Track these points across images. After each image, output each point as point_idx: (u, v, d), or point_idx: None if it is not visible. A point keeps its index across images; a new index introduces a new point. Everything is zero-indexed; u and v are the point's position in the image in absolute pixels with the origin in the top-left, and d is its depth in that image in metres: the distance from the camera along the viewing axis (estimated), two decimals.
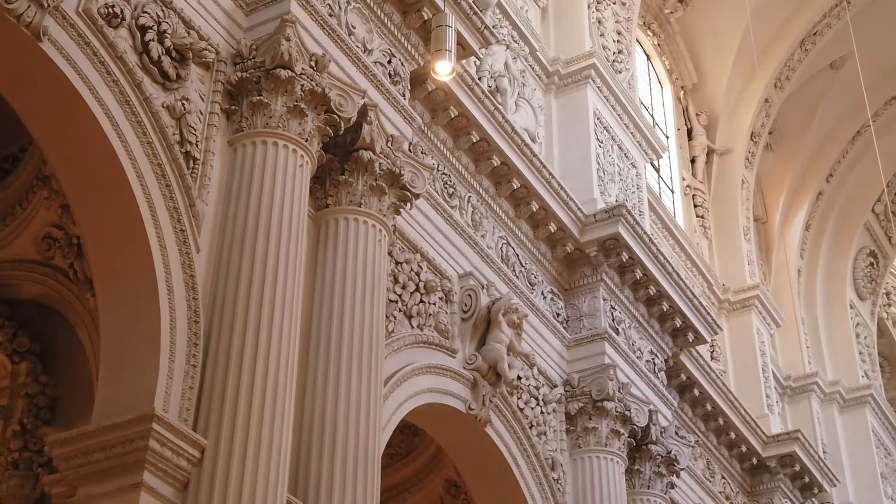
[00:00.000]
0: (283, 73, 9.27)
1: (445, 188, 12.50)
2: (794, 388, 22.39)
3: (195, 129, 8.86)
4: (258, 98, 9.23)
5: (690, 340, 15.76)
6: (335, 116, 9.71)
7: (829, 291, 24.48)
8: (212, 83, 9.19)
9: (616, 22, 17.44)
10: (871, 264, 25.84)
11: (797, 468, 18.96)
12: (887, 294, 28.96)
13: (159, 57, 8.65)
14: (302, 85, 9.38)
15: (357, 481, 8.78)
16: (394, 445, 14.04)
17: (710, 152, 22.36)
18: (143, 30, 8.61)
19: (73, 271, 10.37)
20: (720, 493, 17.89)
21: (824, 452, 21.64)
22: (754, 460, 18.71)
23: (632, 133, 16.51)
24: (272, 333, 8.35)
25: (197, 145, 8.85)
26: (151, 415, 7.61)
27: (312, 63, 9.57)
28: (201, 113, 9.00)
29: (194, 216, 8.61)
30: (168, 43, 8.77)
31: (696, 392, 16.99)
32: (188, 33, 9.01)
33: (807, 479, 19.26)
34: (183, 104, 8.79)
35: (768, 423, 19.41)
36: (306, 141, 9.37)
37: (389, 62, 10.98)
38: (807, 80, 22.89)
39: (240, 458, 7.78)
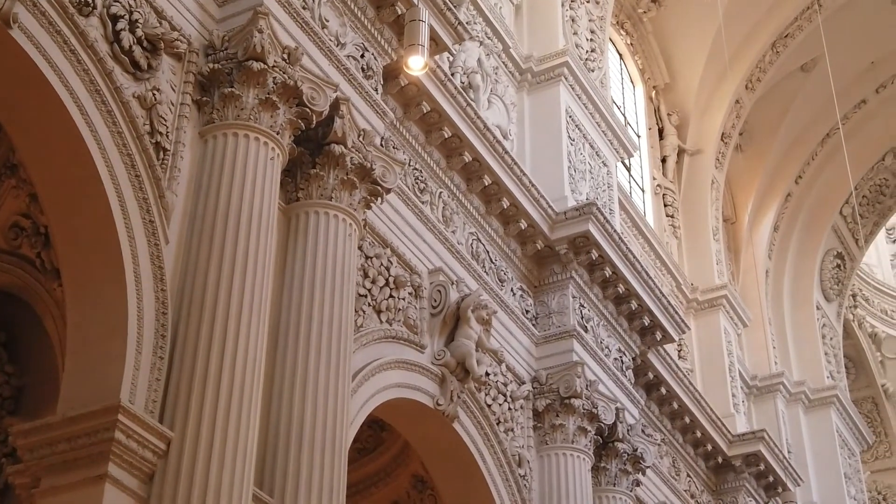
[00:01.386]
0: (256, 66, 9.24)
1: (417, 183, 12.50)
2: (760, 388, 22.53)
3: (166, 120, 8.82)
4: (230, 90, 9.19)
5: (658, 339, 15.84)
6: (307, 110, 9.69)
7: (796, 292, 24.65)
8: (183, 74, 9.15)
9: (589, 20, 17.49)
10: (838, 266, 26.04)
11: (762, 467, 19.09)
12: (853, 296, 29.21)
13: (130, 47, 8.60)
14: (274, 77, 9.35)
15: (324, 475, 8.77)
16: (361, 440, 14.04)
17: (680, 152, 22.46)
18: (115, 19, 8.54)
19: (40, 261, 10.29)
20: (685, 491, 17.99)
21: (789, 452, 21.79)
22: (719, 459, 18.83)
23: (603, 132, 16.57)
24: (240, 326, 8.33)
25: (167, 136, 8.81)
26: (117, 406, 7.56)
27: (285, 56, 9.55)
28: (172, 104, 8.95)
29: (164, 207, 8.57)
30: (140, 33, 8.72)
31: (663, 390, 17.09)
32: (160, 23, 8.96)
33: (771, 479, 19.39)
34: (154, 94, 8.75)
35: (734, 422, 19.53)
36: (278, 134, 9.35)
37: (362, 56, 10.97)
38: (777, 81, 23.04)
39: (206, 450, 7.75)
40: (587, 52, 17.05)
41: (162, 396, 7.99)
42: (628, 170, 20.86)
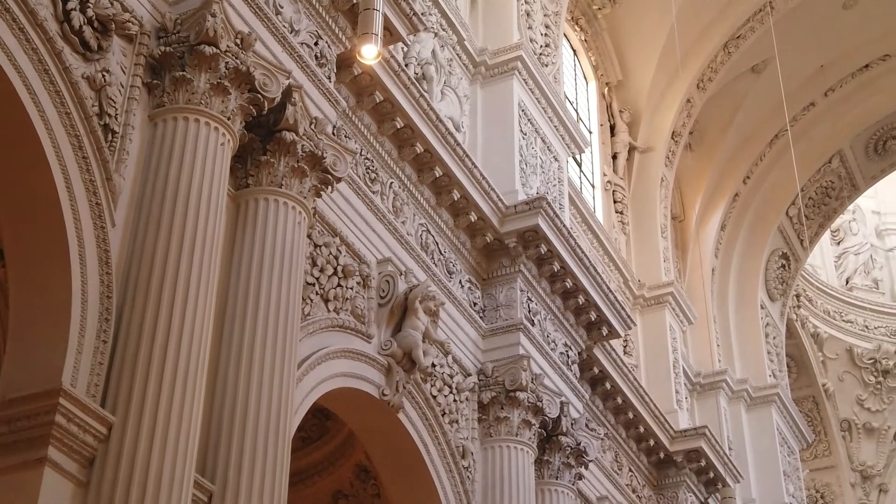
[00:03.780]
0: (208, 50, 9.17)
1: (368, 173, 12.48)
2: (703, 385, 22.75)
3: (115, 102, 8.72)
4: (181, 73, 9.12)
5: (604, 334, 15.95)
6: (259, 96, 9.63)
7: (740, 291, 24.90)
8: (134, 56, 9.05)
9: (545, 15, 17.55)
10: (783, 266, 26.35)
11: (703, 463, 19.28)
12: (797, 296, 29.59)
13: (81, 27, 8.49)
14: (226, 62, 9.28)
15: (267, 463, 8.73)
16: (305, 429, 14.01)
17: (631, 149, 22.60)
18: None
19: None
20: (627, 485, 18.14)
21: (730, 449, 22.04)
22: (661, 454, 19.00)
23: (555, 127, 16.64)
24: (186, 311, 8.27)
25: (116, 118, 8.71)
26: (58, 389, 7.49)
27: (238, 41, 9.48)
28: (122, 86, 8.85)
29: (111, 190, 8.48)
30: (90, 13, 8.62)
31: (608, 385, 17.21)
32: (111, 4, 8.86)
33: (711, 475, 19.59)
34: (103, 76, 8.64)
35: (677, 418, 19.71)
36: (228, 119, 9.28)
37: (316, 44, 10.93)
38: (728, 82, 23.25)
39: (148, 435, 7.70)
40: (541, 46, 17.10)
41: (104, 381, 7.92)
42: (579, 165, 20.96)
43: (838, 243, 34.31)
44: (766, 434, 23.49)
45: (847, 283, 33.41)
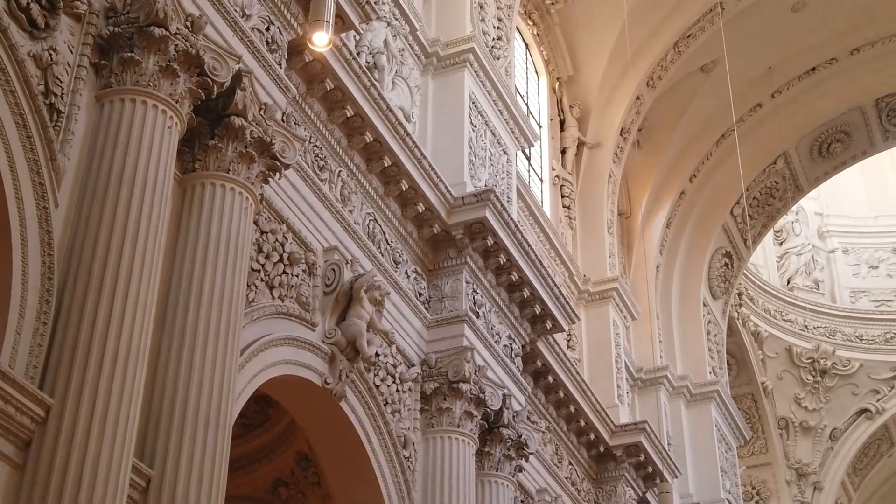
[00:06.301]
0: (157, 32, 9.09)
1: (316, 161, 12.45)
2: (645, 381, 22.95)
3: (61, 82, 8.62)
4: (129, 55, 9.03)
5: (548, 328, 16.04)
6: (208, 80, 9.57)
7: (684, 288, 25.15)
8: (82, 35, 8.94)
9: (497, 8, 17.58)
10: (726, 265, 26.64)
11: (641, 458, 19.46)
12: (739, 294, 29.94)
13: (28, 4, 8.36)
14: (176, 45, 9.21)
15: (206, 449, 8.69)
16: (247, 415, 13.97)
17: (580, 144, 22.71)
18: None
19: None
20: (566, 478, 18.27)
21: (669, 444, 22.26)
22: (601, 448, 19.16)
23: (505, 120, 16.68)
24: (128, 295, 8.21)
25: (62, 98, 8.61)
26: None
27: (188, 23, 9.41)
28: (69, 65, 8.74)
29: (55, 170, 8.38)
30: None
31: (550, 379, 17.31)
32: None
33: (650, 469, 19.78)
34: (50, 55, 8.53)
35: (617, 412, 19.88)
36: (177, 102, 9.21)
37: (268, 29, 10.87)
38: (678, 80, 23.44)
39: (86, 419, 7.64)
40: (493, 39, 17.13)
41: (43, 363, 7.84)
42: (528, 159, 21.03)
43: (781, 244, 34.74)
44: (704, 430, 23.74)
45: (788, 283, 33.86)
